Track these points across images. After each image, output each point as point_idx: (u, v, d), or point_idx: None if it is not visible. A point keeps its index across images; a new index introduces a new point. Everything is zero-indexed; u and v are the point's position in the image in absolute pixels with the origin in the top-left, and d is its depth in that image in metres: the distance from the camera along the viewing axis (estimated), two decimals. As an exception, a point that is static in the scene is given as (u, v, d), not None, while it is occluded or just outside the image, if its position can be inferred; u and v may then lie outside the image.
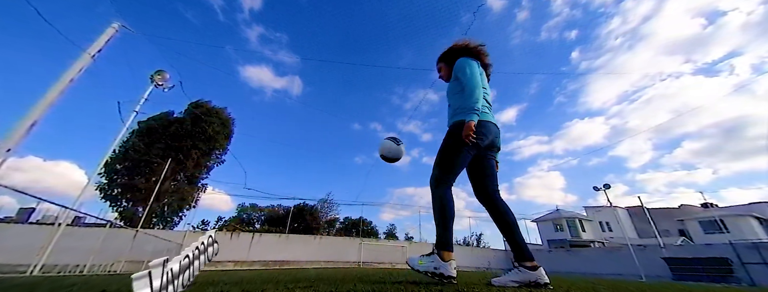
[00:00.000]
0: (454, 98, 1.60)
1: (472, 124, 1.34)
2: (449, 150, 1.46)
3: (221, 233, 16.52)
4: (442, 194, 1.44)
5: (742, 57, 52.47)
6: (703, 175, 51.10)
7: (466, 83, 1.47)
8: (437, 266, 1.33)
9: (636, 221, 25.95)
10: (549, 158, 56.13)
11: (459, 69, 1.56)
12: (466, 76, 1.50)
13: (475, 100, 1.39)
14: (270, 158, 56.91)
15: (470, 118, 1.36)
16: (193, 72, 51.65)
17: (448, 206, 1.42)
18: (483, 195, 1.54)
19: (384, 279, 1.70)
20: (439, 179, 1.46)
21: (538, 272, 1.28)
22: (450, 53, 1.76)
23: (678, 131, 56.77)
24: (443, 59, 1.80)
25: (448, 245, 1.37)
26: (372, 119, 70.41)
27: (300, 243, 16.26)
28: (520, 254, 1.33)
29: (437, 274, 1.32)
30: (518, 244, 1.35)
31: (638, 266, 13.62)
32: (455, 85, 1.60)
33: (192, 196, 18.82)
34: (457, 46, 1.73)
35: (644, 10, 64.96)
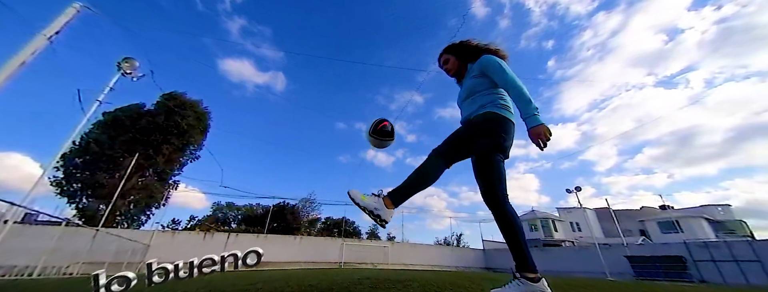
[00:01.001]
0: (478, 95, 1.51)
1: (545, 129, 1.23)
2: (493, 155, 1.38)
3: (194, 233, 15.70)
4: (506, 208, 1.33)
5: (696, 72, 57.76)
6: (660, 179, 55.66)
7: (515, 85, 1.37)
8: (532, 290, 1.21)
9: (602, 222, 27.61)
10: (525, 161, 58.74)
11: (494, 67, 1.47)
12: (507, 74, 1.41)
13: (535, 102, 1.30)
14: (249, 156, 54.99)
15: (538, 121, 1.24)
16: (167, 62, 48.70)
17: (516, 218, 1.33)
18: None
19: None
20: (497, 189, 1.35)
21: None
22: (465, 49, 1.68)
23: (640, 138, 61.53)
24: (453, 52, 1.72)
25: (530, 265, 1.24)
26: (357, 119, 69.86)
27: (279, 243, 15.80)
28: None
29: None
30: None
31: (604, 265, 14.47)
32: (481, 82, 1.51)
33: (162, 193, 17.70)
34: (476, 44, 1.66)
35: (613, 24, 69.61)
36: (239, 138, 53.20)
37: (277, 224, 21.97)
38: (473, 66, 1.59)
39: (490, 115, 1.40)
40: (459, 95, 1.71)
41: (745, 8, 53.28)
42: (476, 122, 1.42)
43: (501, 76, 1.42)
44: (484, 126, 1.38)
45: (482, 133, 1.37)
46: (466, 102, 1.58)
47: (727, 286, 10.29)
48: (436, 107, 65.82)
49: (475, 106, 1.50)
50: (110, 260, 9.09)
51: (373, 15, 70.97)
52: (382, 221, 1.28)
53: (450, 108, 65.90)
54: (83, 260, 8.17)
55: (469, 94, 1.56)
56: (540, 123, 1.23)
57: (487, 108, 1.43)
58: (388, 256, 17.98)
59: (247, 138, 54.41)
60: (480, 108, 1.47)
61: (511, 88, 1.37)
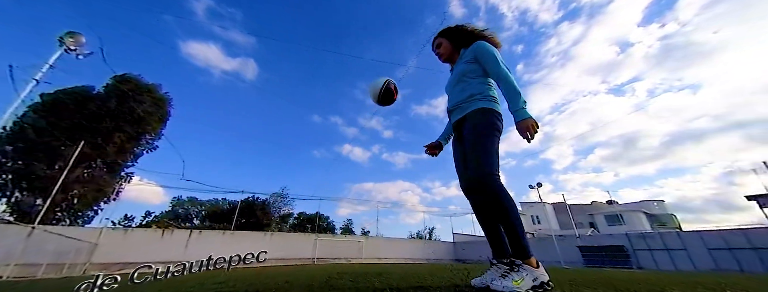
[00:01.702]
0: (471, 83, 1.49)
1: (533, 122, 1.23)
2: (489, 139, 1.33)
3: (150, 230, 14.46)
4: (501, 192, 1.27)
5: (641, 82, 64.48)
6: (608, 177, 61.85)
7: (506, 76, 1.36)
8: (535, 276, 1.19)
9: (559, 215, 30.09)
10: (494, 158, 61.73)
11: (488, 55, 1.45)
12: (501, 66, 1.41)
13: (523, 96, 1.30)
14: (215, 147, 51.64)
15: (527, 115, 1.25)
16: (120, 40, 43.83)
17: (513, 203, 1.28)
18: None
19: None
20: (492, 173, 1.28)
21: (542, 269, 1.23)
22: (459, 33, 1.65)
23: (593, 140, 67.72)
24: (447, 36, 1.69)
25: (530, 252, 1.22)
26: (333, 112, 68.51)
27: (248, 240, 15.11)
28: (523, 252, 1.24)
29: (539, 286, 1.18)
30: (521, 239, 1.26)
31: (559, 254, 15.84)
32: (474, 68, 1.50)
33: (112, 186, 16.01)
34: (471, 29, 1.63)
35: (575, 34, 75.16)
36: (204, 128, 49.58)
37: (246, 220, 20.99)
38: (466, 51, 1.57)
39: (481, 113, 1.40)
40: (449, 81, 1.68)
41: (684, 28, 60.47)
42: (486, 120, 1.39)
43: (494, 66, 1.42)
44: (480, 122, 1.39)
45: (497, 131, 1.37)
46: (456, 88, 1.56)
47: (659, 272, 11.78)
48: (414, 104, 66.58)
49: (464, 94, 1.49)
50: (49, 261, 8.09)
51: (353, 6, 69.52)
52: (548, 284, 1.22)
53: (426, 105, 67.01)
54: (16, 262, 7.15)
55: (459, 80, 1.54)
56: (528, 116, 1.24)
57: (479, 102, 1.43)
58: (362, 251, 18.02)
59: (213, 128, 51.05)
60: (470, 98, 1.47)
61: (502, 80, 1.38)
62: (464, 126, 1.47)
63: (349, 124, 63.95)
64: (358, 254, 17.76)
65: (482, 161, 1.30)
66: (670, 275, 3.31)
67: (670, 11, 66.12)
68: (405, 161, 65.09)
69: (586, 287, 1.43)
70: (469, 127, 1.42)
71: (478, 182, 1.32)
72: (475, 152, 1.35)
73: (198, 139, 47.00)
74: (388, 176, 62.60)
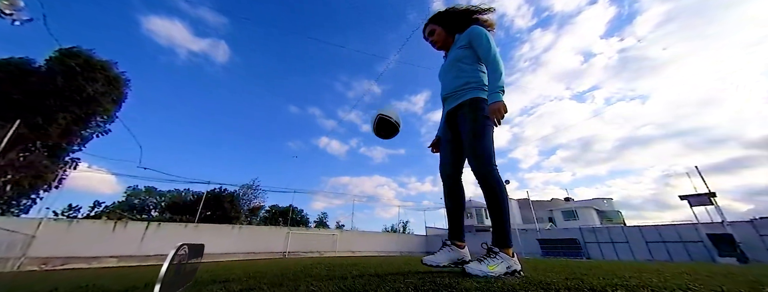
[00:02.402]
0: (465, 69, 1.48)
1: (502, 106, 1.25)
2: (485, 130, 1.34)
3: (100, 221, 13.18)
4: (499, 182, 1.30)
5: (600, 90, 70.28)
6: (566, 176, 67.43)
7: (495, 60, 1.36)
8: (509, 264, 1.23)
9: (522, 210, 32.21)
10: (467, 156, 64.40)
11: (482, 40, 1.43)
12: (492, 50, 1.39)
13: (503, 80, 1.31)
14: (179, 134, 48.03)
15: (499, 98, 1.26)
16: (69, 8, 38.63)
17: (506, 194, 1.32)
18: (458, 176, 1.53)
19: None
20: (490, 164, 1.31)
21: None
22: (452, 17, 1.59)
23: (555, 142, 72.92)
24: (439, 21, 1.63)
25: (511, 242, 1.28)
26: (312, 103, 66.57)
27: (213, 233, 14.35)
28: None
29: (511, 273, 1.23)
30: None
31: (520, 246, 17.08)
32: (468, 54, 1.48)
33: (54, 173, 14.27)
34: (463, 10, 1.58)
35: (546, 41, 79.76)
36: (166, 113, 45.82)
37: (212, 213, 19.91)
38: (461, 36, 1.54)
39: (476, 102, 1.41)
40: (442, 67, 1.65)
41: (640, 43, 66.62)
42: (480, 108, 1.39)
43: (485, 50, 1.42)
44: (475, 113, 1.40)
45: (482, 120, 1.38)
46: (449, 74, 1.55)
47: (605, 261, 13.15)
48: (393, 99, 66.83)
49: (459, 81, 1.49)
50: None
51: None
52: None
53: (406, 101, 67.53)
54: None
55: (453, 65, 1.53)
56: (500, 100, 1.27)
57: (474, 91, 1.43)
58: (336, 244, 17.94)
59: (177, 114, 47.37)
60: (465, 86, 1.46)
61: (490, 62, 1.39)
62: (459, 115, 1.47)
63: (328, 116, 62.66)
64: (331, 248, 17.65)
65: (484, 155, 1.33)
66: (617, 263, 3.70)
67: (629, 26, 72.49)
68: (382, 156, 65.43)
69: (549, 271, 1.53)
70: (465, 120, 1.41)
71: (481, 175, 1.34)
72: (475, 146, 1.35)
73: (159, 125, 43.43)
74: (365, 170, 62.61)
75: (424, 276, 1.23)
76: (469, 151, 1.37)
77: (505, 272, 1.22)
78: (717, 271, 1.85)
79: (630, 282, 0.95)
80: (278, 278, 1.49)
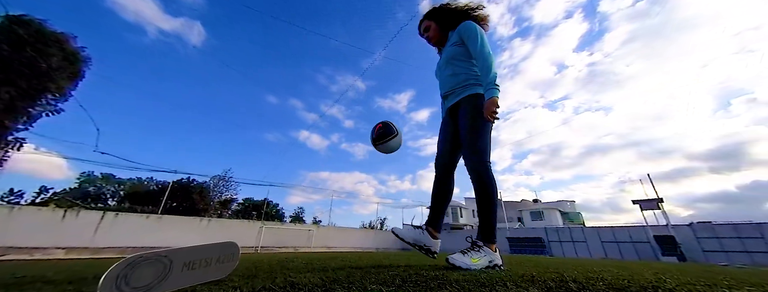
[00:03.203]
0: (460, 66, 1.49)
1: (497, 101, 1.25)
2: (483, 127, 1.36)
3: (47, 209, 11.94)
4: (491, 179, 1.32)
5: (570, 100, 74.99)
6: (535, 179, 71.57)
7: (483, 55, 1.36)
8: (492, 258, 1.26)
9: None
10: (446, 156, 66.08)
11: (471, 35, 1.43)
12: (484, 46, 1.39)
13: (495, 75, 1.31)
14: (144, 118, 44.59)
15: (494, 94, 1.26)
16: (15, -28, 34.34)
17: (496, 191, 1.34)
18: (452, 168, 1.55)
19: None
20: (484, 161, 1.33)
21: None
22: (446, 13, 1.60)
23: (527, 147, 76.96)
24: (433, 17, 1.64)
25: (495, 236, 1.31)
26: (293, 95, 64.59)
27: (179, 226, 13.52)
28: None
29: (492, 266, 1.26)
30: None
31: (492, 245, 17.91)
32: (461, 51, 1.48)
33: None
34: (455, 7, 1.58)
35: (524, 50, 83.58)
36: (130, 95, 42.26)
37: (178, 204, 18.78)
38: (453, 33, 1.55)
39: (476, 99, 1.42)
40: (438, 64, 1.66)
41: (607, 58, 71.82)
42: (471, 109, 1.40)
43: (474, 46, 1.42)
44: (474, 109, 1.40)
45: (480, 115, 1.38)
46: (445, 72, 1.56)
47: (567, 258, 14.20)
48: (377, 96, 66.59)
49: (457, 79, 1.50)
50: None
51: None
52: (433, 253, 1.31)
53: (389, 99, 67.59)
54: None
55: (448, 63, 1.54)
56: (494, 96, 1.27)
57: (473, 87, 1.45)
58: (312, 240, 17.64)
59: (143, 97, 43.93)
60: (463, 84, 1.48)
61: (480, 58, 1.39)
62: (459, 111, 1.48)
63: (310, 109, 61.21)
64: (307, 243, 17.34)
65: (479, 149, 1.35)
66: (580, 260, 3.98)
67: (599, 42, 77.83)
68: (364, 153, 65.18)
69: (519, 266, 1.59)
70: (464, 114, 1.43)
71: (474, 169, 1.35)
72: (472, 142, 1.37)
73: (122, 109, 40.02)
74: (346, 166, 62.08)
75: (407, 269, 1.22)
76: (466, 146, 1.39)
77: (487, 266, 1.24)
78: (671, 268, 2.02)
79: (604, 275, 0.99)
80: (251, 271, 1.41)
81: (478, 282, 0.77)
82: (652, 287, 0.73)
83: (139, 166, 27.27)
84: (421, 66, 69.46)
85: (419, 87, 63.09)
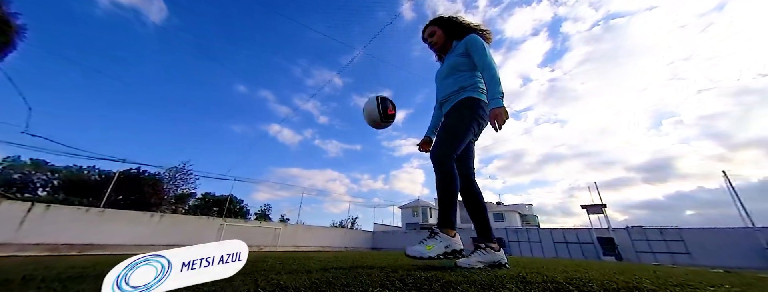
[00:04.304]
0: (460, 75, 1.53)
1: (504, 111, 1.30)
2: (462, 126, 1.42)
3: (-46, 199, 10.09)
4: (451, 171, 1.38)
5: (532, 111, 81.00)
6: (499, 183, 76.02)
7: (490, 68, 1.42)
8: (448, 244, 1.29)
9: (461, 211, 35.10)
10: (418, 158, 67.68)
11: (479, 48, 1.48)
12: (487, 57, 1.45)
13: (501, 87, 1.36)
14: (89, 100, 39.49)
15: (500, 104, 1.31)
16: None
17: (455, 182, 1.38)
18: (461, 176, 1.56)
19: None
20: (450, 155, 1.39)
21: (501, 252, 1.37)
22: (454, 25, 1.65)
23: (493, 152, 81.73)
24: (441, 25, 1.68)
25: (453, 224, 1.35)
26: (264, 86, 61.51)
27: (124, 221, 12.19)
28: (488, 235, 1.42)
29: (450, 252, 1.28)
30: (486, 225, 1.43)
31: (457, 244, 18.77)
32: (465, 62, 1.53)
33: None
34: (465, 23, 1.65)
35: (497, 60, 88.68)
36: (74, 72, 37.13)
37: (125, 197, 16.97)
38: (459, 43, 1.59)
39: (470, 102, 1.47)
40: (439, 71, 1.70)
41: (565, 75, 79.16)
42: (461, 108, 1.47)
43: (481, 57, 1.47)
44: (466, 110, 1.46)
45: (470, 119, 1.44)
46: (446, 80, 1.59)
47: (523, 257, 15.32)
48: (354, 94, 65.74)
49: (455, 86, 1.54)
50: None
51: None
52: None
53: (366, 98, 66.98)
54: None
55: (450, 72, 1.58)
56: (501, 106, 1.31)
57: (468, 92, 1.49)
58: (278, 238, 16.93)
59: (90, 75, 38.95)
60: (461, 90, 1.52)
61: (486, 69, 1.44)
62: (448, 111, 1.55)
63: (282, 102, 58.73)
64: (272, 242, 16.61)
65: (445, 142, 1.41)
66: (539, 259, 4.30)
67: (560, 60, 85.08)
68: (337, 150, 64.13)
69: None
70: (450, 112, 1.49)
71: (435, 159, 1.41)
72: (443, 133, 1.45)
73: (63, 86, 35.05)
74: (318, 163, 60.52)
75: (396, 270, 1.21)
76: (439, 136, 1.46)
77: (443, 252, 1.27)
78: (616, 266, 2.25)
79: (573, 274, 1.07)
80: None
81: (477, 283, 0.78)
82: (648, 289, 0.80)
83: (79, 152, 24.18)
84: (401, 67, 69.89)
85: (396, 88, 63.56)
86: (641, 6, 76.58)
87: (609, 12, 72.95)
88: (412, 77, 78.72)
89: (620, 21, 74.94)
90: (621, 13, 75.77)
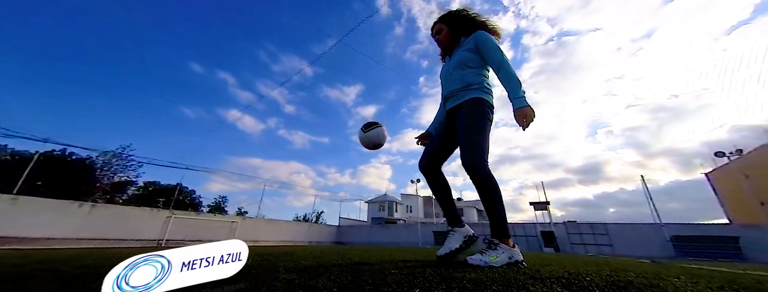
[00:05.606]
0: (470, 71, 1.51)
1: (530, 111, 1.32)
2: (484, 130, 1.41)
3: None
4: (490, 176, 1.35)
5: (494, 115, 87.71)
6: (460, 180, 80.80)
7: (506, 67, 1.41)
8: (511, 255, 1.26)
9: (426, 207, 36.70)
10: (387, 154, 68.35)
11: (491, 46, 1.48)
12: (503, 56, 1.44)
13: (521, 87, 1.37)
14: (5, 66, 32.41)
15: (525, 103, 1.32)
16: None
17: (498, 187, 1.35)
18: (433, 167, 1.61)
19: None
20: (483, 162, 1.36)
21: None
22: (462, 20, 1.63)
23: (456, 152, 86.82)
24: (448, 22, 1.66)
25: (509, 234, 1.32)
26: (224, 67, 56.57)
27: (46, 211, 10.43)
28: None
29: (513, 263, 1.25)
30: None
31: (419, 237, 19.49)
32: (472, 57, 1.51)
33: None
34: (473, 17, 1.62)
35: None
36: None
37: (46, 183, 14.49)
38: (467, 39, 1.58)
39: (480, 103, 1.47)
40: (445, 67, 1.68)
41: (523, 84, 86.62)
42: (478, 109, 1.46)
43: (494, 55, 1.47)
44: (479, 113, 1.46)
45: (488, 120, 1.46)
46: (453, 76, 1.57)
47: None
48: (324, 85, 63.45)
49: (461, 83, 1.53)
50: None
51: (278, -46, 58.65)
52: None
53: (337, 90, 65.42)
54: None
55: (457, 67, 1.56)
56: (526, 105, 1.32)
57: (475, 92, 1.49)
58: (235, 233, 15.86)
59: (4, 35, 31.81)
60: (467, 88, 1.51)
61: (501, 69, 1.44)
62: (458, 113, 1.51)
63: (244, 87, 54.65)
64: (228, 236, 15.52)
65: (476, 150, 1.37)
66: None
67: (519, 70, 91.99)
68: (304, 142, 61.78)
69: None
70: (464, 116, 1.46)
71: (471, 169, 1.36)
72: (468, 141, 1.40)
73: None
74: (282, 154, 57.76)
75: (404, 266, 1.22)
76: (465, 145, 1.41)
77: (507, 263, 1.24)
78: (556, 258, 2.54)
79: (553, 273, 1.18)
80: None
81: (496, 281, 0.82)
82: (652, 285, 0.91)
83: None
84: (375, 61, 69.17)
85: (369, 83, 62.99)
86: (588, 27, 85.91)
87: (562, 29, 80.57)
88: (385, 73, 78.32)
89: (571, 38, 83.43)
90: (572, 32, 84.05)
